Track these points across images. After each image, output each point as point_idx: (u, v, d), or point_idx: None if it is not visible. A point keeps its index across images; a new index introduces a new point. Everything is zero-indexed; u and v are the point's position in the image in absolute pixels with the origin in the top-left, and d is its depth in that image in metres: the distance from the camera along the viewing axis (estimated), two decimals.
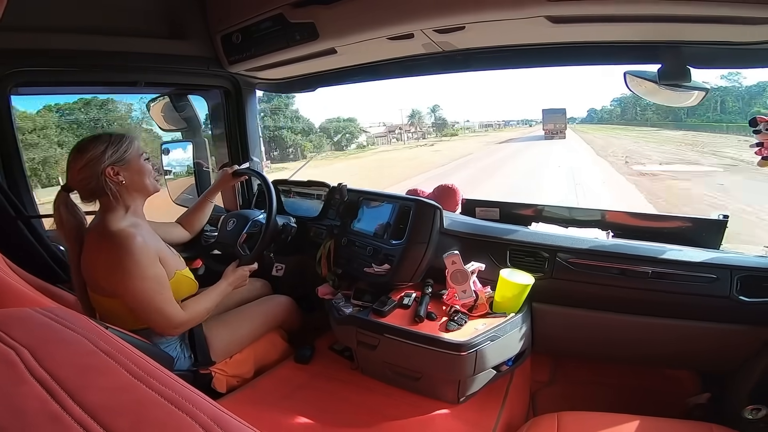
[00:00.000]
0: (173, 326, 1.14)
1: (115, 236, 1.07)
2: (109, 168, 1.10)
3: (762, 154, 1.07)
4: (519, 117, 75.38)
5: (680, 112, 34.63)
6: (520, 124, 66.80)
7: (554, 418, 1.06)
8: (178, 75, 1.71)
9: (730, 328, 1.15)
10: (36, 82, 1.46)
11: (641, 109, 41.86)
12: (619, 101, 48.15)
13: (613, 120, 47.73)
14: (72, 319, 0.43)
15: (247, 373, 1.37)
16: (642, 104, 38.62)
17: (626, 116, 45.58)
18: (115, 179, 1.11)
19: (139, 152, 1.17)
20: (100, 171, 1.09)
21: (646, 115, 41.05)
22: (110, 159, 1.10)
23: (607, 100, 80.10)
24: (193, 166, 1.91)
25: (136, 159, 1.15)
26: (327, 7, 1.25)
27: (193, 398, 0.34)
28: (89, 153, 1.09)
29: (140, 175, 1.16)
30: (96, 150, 1.09)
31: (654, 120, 39.01)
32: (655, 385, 1.42)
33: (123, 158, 1.12)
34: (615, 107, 50.22)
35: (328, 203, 1.74)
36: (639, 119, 42.80)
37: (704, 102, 1.13)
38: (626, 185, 11.42)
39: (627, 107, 45.74)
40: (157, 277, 1.11)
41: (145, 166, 1.17)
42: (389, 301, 1.31)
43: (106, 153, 1.10)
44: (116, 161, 1.11)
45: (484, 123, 65.40)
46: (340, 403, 1.25)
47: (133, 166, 1.14)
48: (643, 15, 0.97)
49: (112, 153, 1.11)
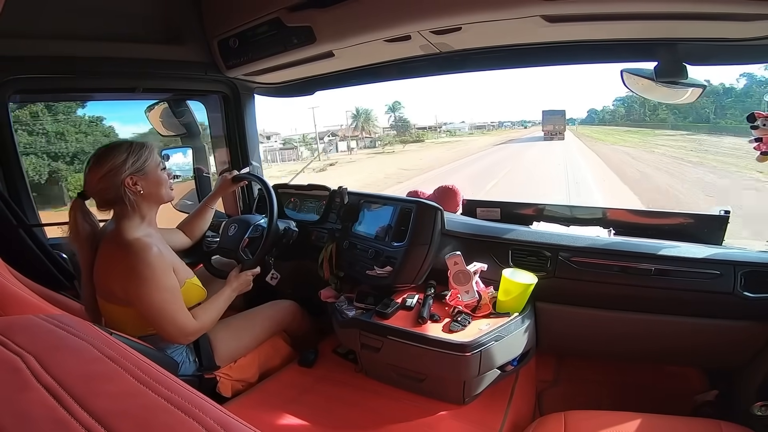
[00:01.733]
0: (186, 335, 1.15)
1: (131, 245, 1.07)
2: (128, 178, 1.10)
3: (761, 149, 1.07)
4: (515, 118, 74.42)
5: (704, 112, 29.85)
6: (515, 126, 65.79)
7: (561, 418, 1.05)
8: (176, 80, 1.72)
9: (734, 325, 1.15)
10: (34, 89, 1.47)
11: (650, 109, 37.43)
12: (622, 100, 44.76)
13: (617, 121, 44.02)
14: (77, 326, 0.43)
15: (251, 378, 1.37)
16: (651, 103, 34.11)
17: (633, 116, 41.59)
18: (134, 189, 1.11)
19: (157, 162, 1.17)
20: (120, 181, 1.09)
21: (660, 115, 36.20)
22: (131, 169, 1.10)
23: (609, 99, 76.57)
24: (193, 171, 1.91)
25: (154, 169, 1.16)
26: (324, 10, 1.25)
27: (199, 403, 0.34)
28: (109, 162, 1.09)
29: (158, 185, 1.17)
30: (117, 159, 1.09)
31: (672, 122, 34.24)
32: (661, 382, 1.42)
33: (143, 168, 1.13)
34: (618, 107, 46.81)
35: (329, 207, 1.74)
36: (649, 120, 37.95)
37: (743, 98, 1.09)
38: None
39: (633, 106, 41.90)
40: (171, 288, 1.11)
41: (163, 176, 1.18)
42: (392, 303, 1.30)
43: (126, 162, 1.10)
44: (136, 171, 1.11)
45: (476, 124, 63.85)
46: (344, 406, 1.24)
47: (152, 176, 1.15)
48: (638, 13, 0.98)
49: (133, 163, 1.11)
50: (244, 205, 2.04)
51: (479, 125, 62.52)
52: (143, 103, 1.96)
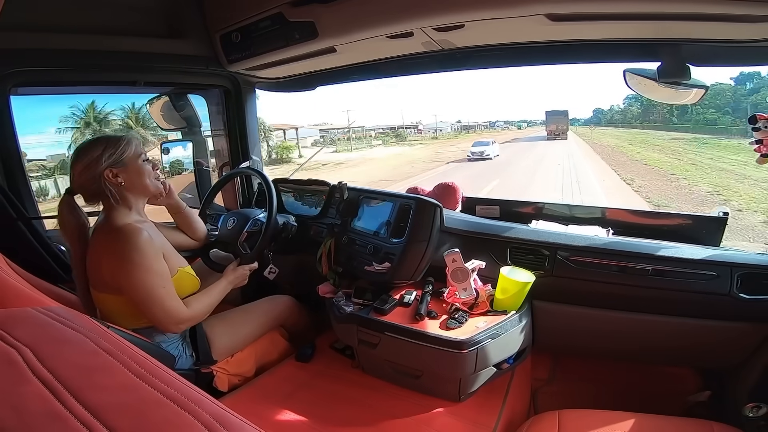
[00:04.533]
0: (176, 322, 1.15)
1: (121, 230, 1.09)
2: (107, 170, 1.11)
3: (761, 151, 1.07)
4: (507, 118, 71.38)
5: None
6: (508, 126, 62.31)
7: (555, 416, 1.06)
8: (178, 74, 1.71)
9: (730, 326, 1.15)
10: (35, 82, 1.46)
11: (679, 108, 26.54)
12: (635, 97, 36.32)
13: (629, 122, 37.38)
14: (74, 319, 0.44)
15: (248, 372, 1.38)
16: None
17: (652, 117, 33.85)
18: (114, 181, 1.12)
19: (138, 153, 1.17)
20: (99, 173, 1.11)
21: (706, 115, 25.21)
22: (108, 161, 1.12)
23: (618, 98, 69.21)
24: (193, 165, 1.91)
25: (134, 160, 1.16)
26: (326, 6, 1.24)
27: (196, 397, 0.34)
28: (87, 156, 1.11)
29: (139, 176, 1.17)
30: (93, 153, 1.11)
31: (725, 123, 23.55)
32: (655, 382, 1.43)
33: (120, 160, 1.13)
34: (629, 106, 40.74)
35: (329, 202, 1.74)
36: (676, 122, 28.52)
37: None
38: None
39: (649, 106, 33.55)
40: (161, 272, 1.12)
41: (144, 167, 1.18)
42: (390, 299, 1.31)
43: (103, 156, 1.11)
44: (114, 163, 1.12)
45: (464, 124, 57.39)
46: (341, 402, 1.25)
47: (132, 168, 1.15)
48: (642, 13, 0.97)
49: (110, 155, 1.12)
50: (243, 199, 2.04)
51: (467, 125, 58.40)
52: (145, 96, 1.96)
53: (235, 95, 1.89)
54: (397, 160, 24.04)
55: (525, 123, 68.35)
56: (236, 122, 1.94)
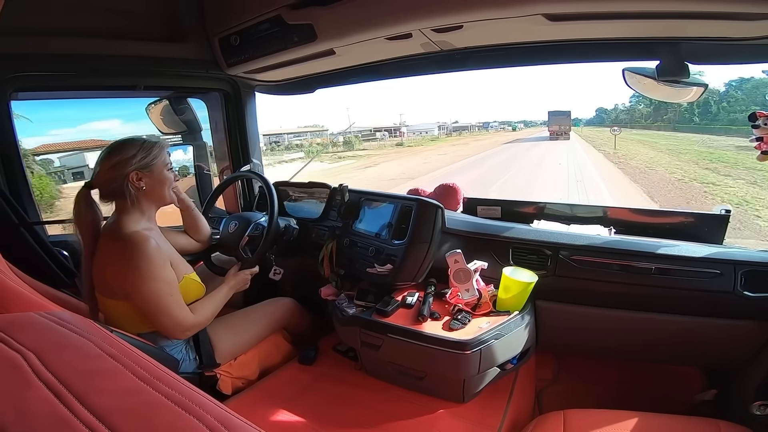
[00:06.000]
0: (182, 329, 1.15)
1: (129, 238, 1.09)
2: (134, 173, 1.13)
3: (762, 148, 1.07)
4: (503, 119, 69.09)
5: None
6: (503, 127, 58.63)
7: (560, 416, 1.06)
8: (177, 78, 1.72)
9: (734, 324, 1.15)
10: (36, 87, 1.47)
11: (700, 106, 22.01)
12: (643, 95, 34.43)
13: (638, 122, 33.21)
14: (77, 323, 0.44)
15: (251, 375, 1.38)
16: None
17: (666, 116, 28.54)
18: (137, 184, 1.14)
19: (165, 162, 1.19)
20: (126, 174, 1.12)
21: (723, 114, 20.43)
22: (137, 164, 1.13)
23: (622, 97, 62.25)
24: (193, 168, 1.92)
25: (160, 168, 1.18)
26: (325, 8, 1.25)
27: (200, 400, 0.34)
28: (120, 155, 1.13)
29: (161, 184, 1.19)
30: (127, 153, 1.13)
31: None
32: (660, 381, 1.42)
33: (149, 165, 1.15)
34: (636, 104, 36.48)
35: (330, 204, 1.74)
36: (699, 122, 22.71)
37: None
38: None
39: (661, 104, 26.99)
40: (168, 280, 1.12)
41: (168, 177, 1.20)
42: (392, 301, 1.31)
43: (135, 157, 1.13)
44: (143, 167, 1.14)
45: (456, 125, 53.28)
46: (344, 404, 1.25)
47: (157, 175, 1.17)
48: (640, 12, 0.97)
49: (141, 158, 1.14)
50: (244, 202, 2.04)
51: (459, 126, 55.68)
52: (144, 100, 1.96)
53: (234, 98, 1.89)
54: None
55: (522, 124, 67.04)
56: (236, 125, 1.95)
